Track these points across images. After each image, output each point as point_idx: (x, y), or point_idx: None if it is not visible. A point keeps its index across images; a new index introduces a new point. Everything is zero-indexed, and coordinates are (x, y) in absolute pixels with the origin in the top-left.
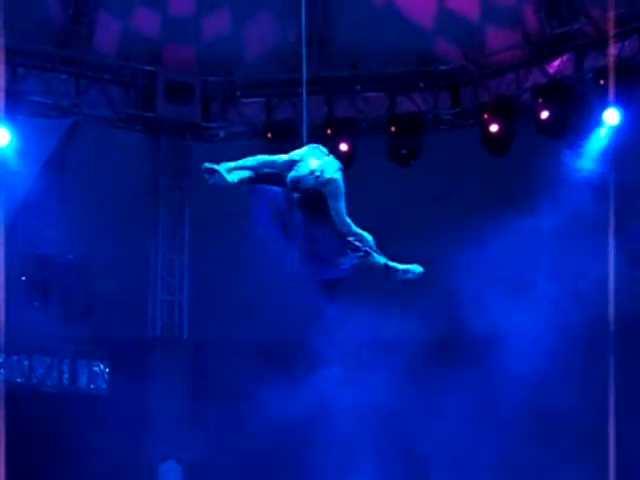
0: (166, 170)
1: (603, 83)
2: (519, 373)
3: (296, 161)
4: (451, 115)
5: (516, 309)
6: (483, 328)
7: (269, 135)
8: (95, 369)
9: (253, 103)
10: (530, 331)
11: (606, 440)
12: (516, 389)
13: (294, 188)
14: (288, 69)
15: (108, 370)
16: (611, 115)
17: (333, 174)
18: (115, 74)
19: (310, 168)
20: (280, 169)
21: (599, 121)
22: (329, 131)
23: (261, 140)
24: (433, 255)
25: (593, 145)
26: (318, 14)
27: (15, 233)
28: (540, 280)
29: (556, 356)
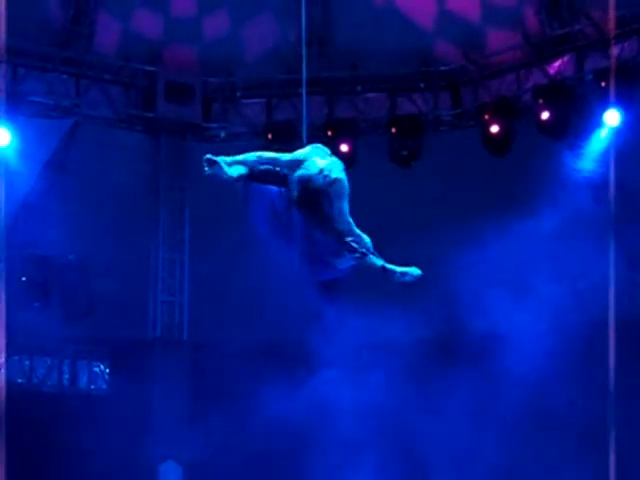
0: (166, 170)
1: (604, 84)
2: (519, 373)
3: (301, 160)
4: (451, 116)
5: (516, 310)
6: (483, 328)
7: (269, 136)
8: (95, 369)
9: (253, 104)
10: (530, 332)
11: (606, 440)
12: (516, 389)
13: (303, 187)
14: (288, 70)
15: (108, 370)
16: (611, 116)
17: (339, 174)
18: (115, 74)
19: (319, 167)
20: (283, 167)
21: (599, 122)
22: (329, 132)
23: (261, 141)
24: (433, 256)
25: (593, 146)
26: (318, 14)
27: (16, 233)
28: (540, 281)
29: (556, 356)
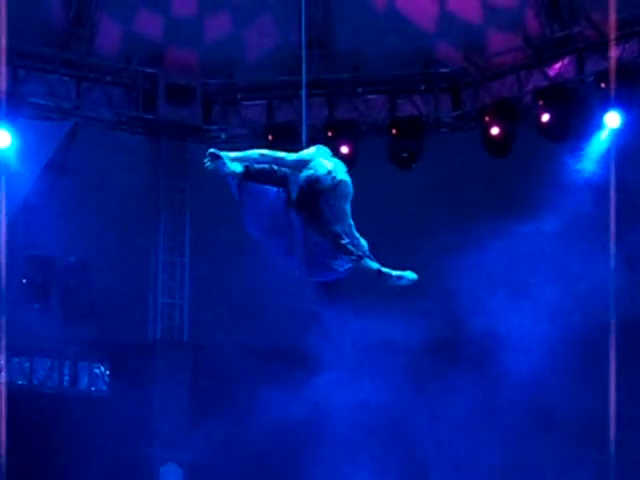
0: (167, 172)
1: (604, 86)
2: (519, 374)
3: (307, 160)
4: (452, 118)
5: (516, 311)
6: (484, 329)
7: (270, 137)
8: (96, 371)
9: (254, 105)
10: (530, 332)
11: (606, 440)
12: (516, 390)
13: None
14: (289, 71)
15: (109, 372)
16: (612, 118)
17: (344, 175)
18: (116, 76)
19: (327, 168)
20: (288, 167)
21: (600, 124)
22: (330, 134)
23: (262, 142)
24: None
25: (594, 148)
26: (319, 16)
27: (16, 235)
28: (540, 282)
29: (556, 357)
